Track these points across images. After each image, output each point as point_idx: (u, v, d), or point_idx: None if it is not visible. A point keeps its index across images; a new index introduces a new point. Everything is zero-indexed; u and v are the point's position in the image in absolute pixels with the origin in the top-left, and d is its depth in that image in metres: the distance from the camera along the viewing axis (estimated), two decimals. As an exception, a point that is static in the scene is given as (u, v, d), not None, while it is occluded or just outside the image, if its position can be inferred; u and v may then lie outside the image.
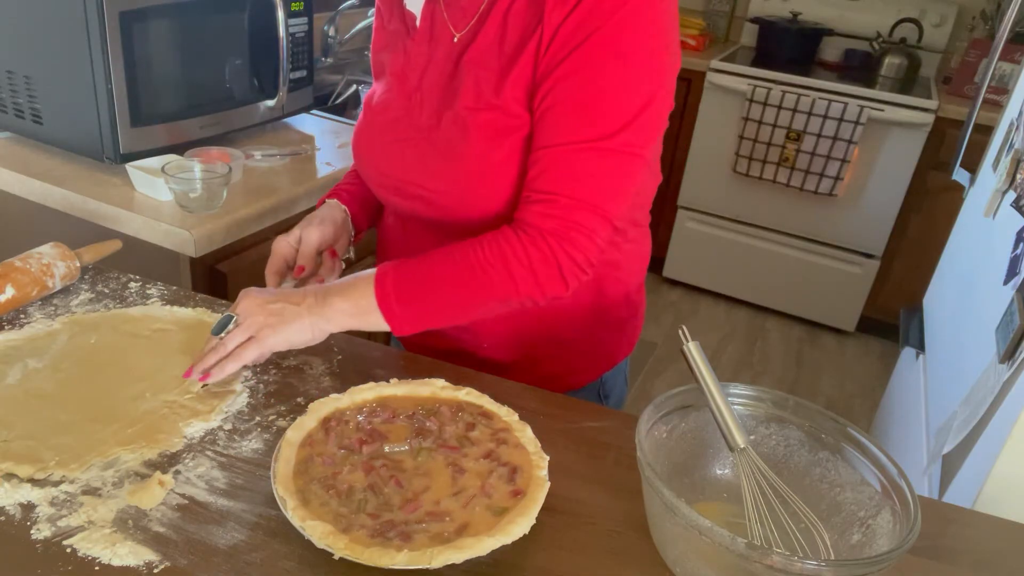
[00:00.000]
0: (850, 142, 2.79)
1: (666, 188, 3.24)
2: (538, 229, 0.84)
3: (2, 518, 0.69)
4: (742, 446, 0.73)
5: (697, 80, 3.06)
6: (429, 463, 0.76)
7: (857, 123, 2.76)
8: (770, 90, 2.87)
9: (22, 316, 0.97)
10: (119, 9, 1.30)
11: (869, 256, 3.01)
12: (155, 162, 1.39)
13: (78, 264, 1.03)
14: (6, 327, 0.95)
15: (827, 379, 2.91)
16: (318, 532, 0.66)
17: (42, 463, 0.74)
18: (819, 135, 2.84)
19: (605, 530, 0.74)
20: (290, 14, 1.60)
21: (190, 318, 0.99)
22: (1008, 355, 1.14)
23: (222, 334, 0.86)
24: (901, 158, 2.81)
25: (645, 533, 0.73)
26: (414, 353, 1.01)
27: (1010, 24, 1.81)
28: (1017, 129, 1.57)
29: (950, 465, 1.26)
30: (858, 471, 0.74)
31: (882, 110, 2.76)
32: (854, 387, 2.88)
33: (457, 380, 0.87)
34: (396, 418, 0.81)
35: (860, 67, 3.13)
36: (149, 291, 1.05)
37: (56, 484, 0.72)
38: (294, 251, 1.01)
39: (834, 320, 3.17)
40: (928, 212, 2.86)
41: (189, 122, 1.50)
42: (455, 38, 0.91)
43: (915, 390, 1.81)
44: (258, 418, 0.84)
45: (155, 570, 0.65)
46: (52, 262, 1.00)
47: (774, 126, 2.90)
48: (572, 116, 0.83)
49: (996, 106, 2.53)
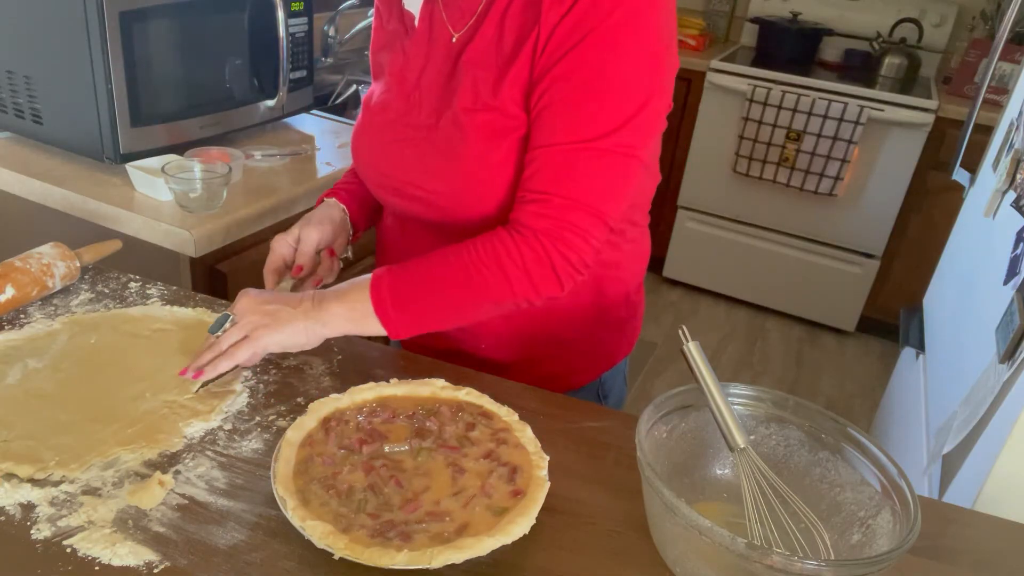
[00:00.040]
0: (850, 142, 2.79)
1: (666, 188, 3.24)
2: (532, 229, 0.84)
3: (2, 518, 0.69)
4: (742, 446, 0.73)
5: (697, 80, 3.06)
6: (429, 463, 0.76)
7: (857, 123, 2.76)
8: (770, 90, 2.87)
9: (22, 316, 0.97)
10: (119, 9, 1.30)
11: (869, 256, 3.01)
12: (155, 162, 1.39)
13: (78, 264, 1.03)
14: (6, 327, 0.95)
15: (827, 379, 2.91)
16: (318, 532, 0.66)
17: (42, 463, 0.74)
18: (819, 135, 2.83)
19: (605, 530, 0.74)
20: (290, 14, 1.60)
21: (190, 318, 0.99)
22: (1008, 355, 1.14)
23: (219, 332, 0.86)
24: (901, 158, 2.81)
25: (645, 533, 0.73)
26: (414, 353, 1.01)
27: (1010, 24, 1.81)
28: (1017, 129, 1.57)
29: (950, 465, 1.26)
30: (858, 471, 0.74)
31: (882, 110, 2.76)
32: (854, 387, 2.87)
33: (457, 380, 0.87)
34: (396, 418, 0.81)
35: (860, 67, 3.13)
36: (149, 291, 1.05)
37: (56, 484, 0.72)
38: (293, 250, 1.01)
39: (834, 320, 3.17)
40: (928, 212, 2.86)
41: (189, 122, 1.50)
42: (453, 38, 0.91)
43: (915, 390, 1.81)
44: (258, 418, 0.84)
45: (155, 570, 0.65)
46: (52, 262, 1.00)
47: (774, 126, 2.90)
48: (567, 116, 0.83)
49: (996, 106, 2.53)
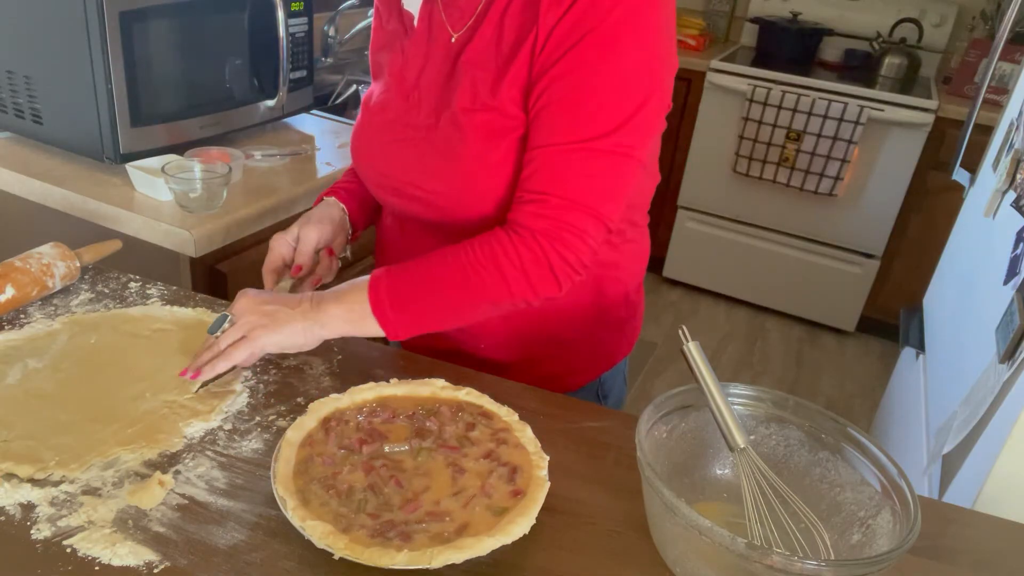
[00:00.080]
0: (850, 142, 2.79)
1: (666, 188, 3.24)
2: (529, 229, 0.84)
3: (2, 518, 0.69)
4: (742, 446, 0.73)
5: (697, 80, 3.06)
6: (429, 463, 0.76)
7: (857, 123, 2.76)
8: (770, 90, 2.87)
9: (22, 316, 0.97)
10: (119, 9, 1.30)
11: (869, 256, 3.01)
12: (155, 162, 1.39)
13: (78, 264, 1.03)
14: (6, 327, 0.95)
15: (827, 379, 2.91)
16: (318, 532, 0.66)
17: (42, 463, 0.74)
18: (819, 135, 2.83)
19: (605, 530, 0.74)
20: (290, 14, 1.60)
21: (190, 318, 0.99)
22: (1008, 355, 1.14)
23: (217, 333, 0.86)
24: (901, 158, 2.81)
25: (645, 533, 0.73)
26: (413, 353, 1.01)
27: (1010, 24, 1.81)
28: (1017, 129, 1.57)
29: (950, 465, 1.26)
30: (858, 471, 0.74)
31: (882, 110, 2.76)
32: (854, 387, 2.87)
33: (457, 380, 0.87)
34: (396, 418, 0.81)
35: (860, 67, 3.13)
36: (149, 291, 1.05)
37: (56, 484, 0.72)
38: (292, 249, 1.01)
39: (834, 320, 3.17)
40: (928, 212, 2.86)
41: (189, 122, 1.50)
42: (453, 38, 0.91)
43: (915, 390, 1.81)
44: (258, 418, 0.84)
45: (155, 570, 0.65)
46: (52, 262, 1.00)
47: (774, 126, 2.90)
48: (565, 116, 0.83)
49: (996, 106, 2.53)
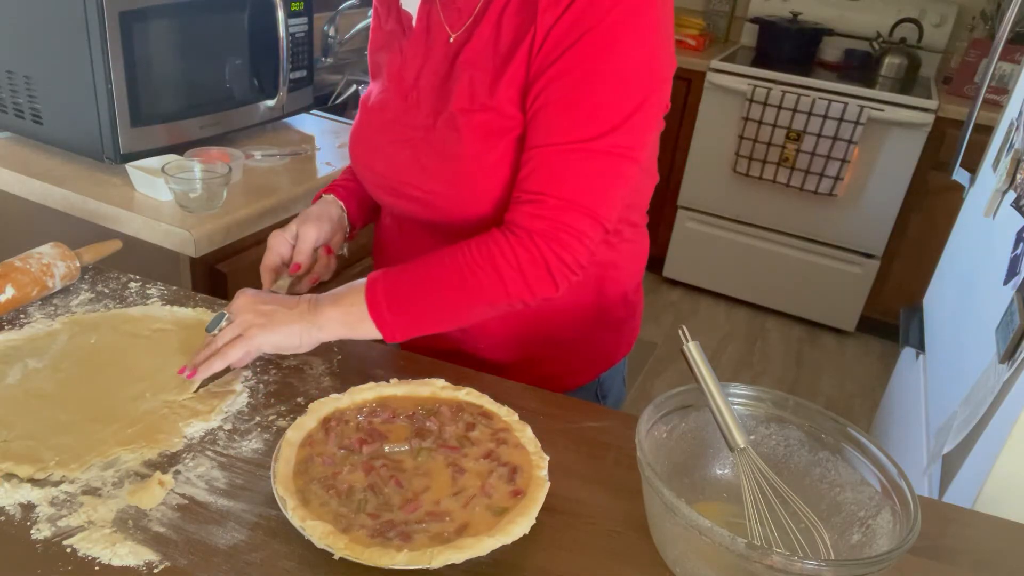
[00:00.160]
0: (850, 142, 2.79)
1: (666, 188, 3.24)
2: (526, 230, 0.84)
3: (2, 518, 0.69)
4: (742, 446, 0.73)
5: (697, 80, 3.06)
6: (429, 463, 0.76)
7: (857, 123, 2.76)
8: (770, 90, 2.87)
9: (22, 316, 0.97)
10: (119, 9, 1.30)
11: (869, 256, 3.01)
12: (155, 162, 1.39)
13: (78, 264, 1.03)
14: (6, 327, 0.95)
15: (827, 379, 2.91)
16: (318, 532, 0.66)
17: (42, 463, 0.74)
18: (819, 135, 2.83)
19: (605, 530, 0.74)
20: (290, 14, 1.60)
21: (190, 318, 0.99)
22: (1008, 355, 1.14)
23: (215, 331, 0.86)
24: (901, 158, 2.81)
25: (645, 533, 0.73)
26: (413, 353, 1.01)
27: (1010, 24, 1.81)
28: (1017, 129, 1.57)
29: (950, 465, 1.26)
30: (858, 471, 0.74)
31: (882, 110, 2.75)
32: (854, 387, 2.87)
33: (457, 380, 0.87)
34: (396, 418, 0.81)
35: (860, 67, 3.13)
36: (149, 291, 1.05)
37: (56, 484, 0.72)
38: (290, 248, 1.01)
39: (834, 320, 3.17)
40: (928, 212, 2.86)
41: (189, 122, 1.50)
42: (451, 38, 0.91)
43: (915, 390, 1.81)
44: (258, 418, 0.84)
45: (155, 570, 0.65)
46: (52, 262, 1.00)
47: (774, 126, 2.90)
48: (563, 116, 0.83)
49: (996, 106, 2.53)
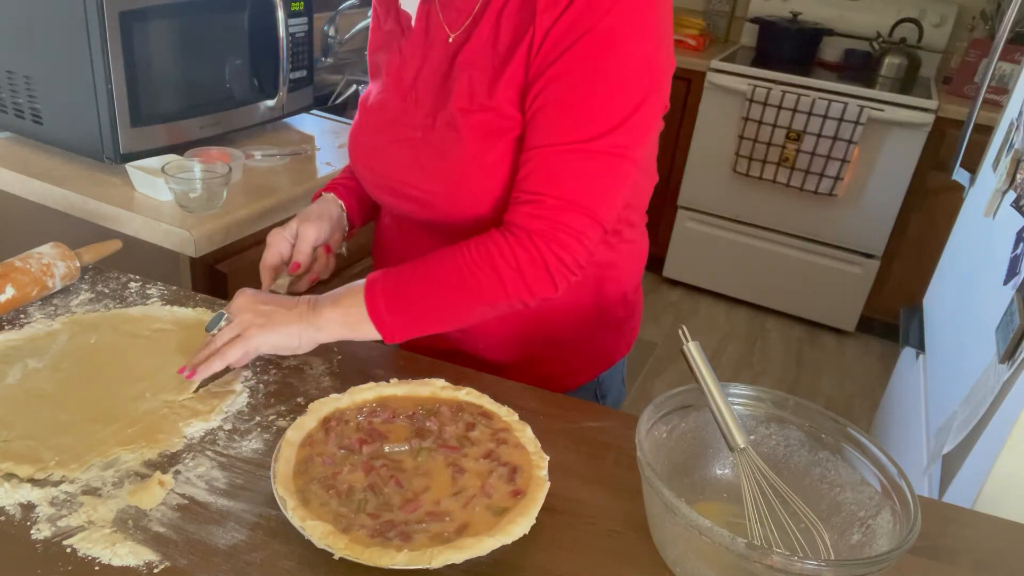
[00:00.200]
0: (850, 142, 2.79)
1: (666, 188, 3.24)
2: (525, 230, 0.84)
3: (2, 518, 0.69)
4: (742, 446, 0.73)
5: (697, 80, 3.06)
6: (429, 463, 0.76)
7: (857, 123, 2.76)
8: (770, 90, 2.87)
9: (22, 316, 0.97)
10: (119, 9, 1.30)
11: (869, 256, 3.01)
12: (155, 162, 1.39)
13: (78, 264, 1.03)
14: (6, 327, 0.95)
15: (827, 379, 2.91)
16: (318, 532, 0.66)
17: (42, 463, 0.74)
18: (819, 135, 2.83)
19: (605, 530, 0.74)
20: (290, 14, 1.60)
21: (190, 318, 0.99)
22: (1008, 355, 1.14)
23: (214, 330, 0.86)
24: (901, 158, 2.81)
25: (645, 533, 0.73)
26: (413, 353, 1.01)
27: (1010, 24, 1.81)
28: (1017, 129, 1.57)
29: (950, 465, 1.26)
30: (858, 471, 0.74)
31: (882, 110, 2.75)
32: (854, 387, 2.87)
33: (457, 380, 0.87)
34: (396, 418, 0.81)
35: (860, 67, 3.13)
36: (149, 291, 1.05)
37: (56, 484, 0.72)
38: (290, 246, 1.01)
39: (834, 320, 3.17)
40: (928, 212, 2.86)
41: (189, 122, 1.50)
42: (450, 38, 0.91)
43: (915, 390, 1.81)
44: (258, 418, 0.84)
45: (155, 570, 0.65)
46: (52, 262, 1.00)
47: (774, 126, 2.90)
48: (562, 117, 0.83)
49: (996, 106, 2.53)
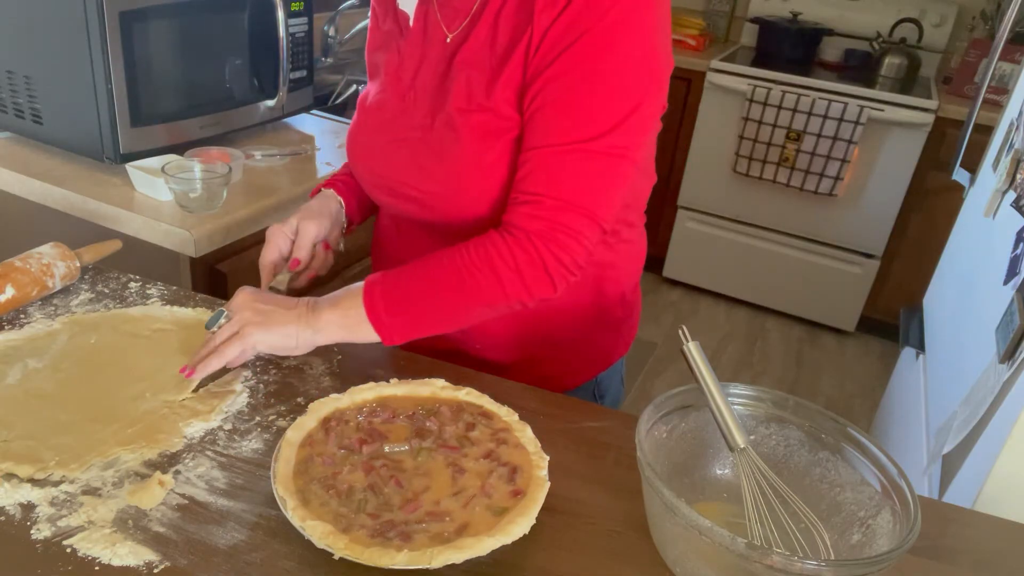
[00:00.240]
0: (850, 142, 2.79)
1: (666, 188, 3.24)
2: (524, 231, 0.84)
3: (2, 518, 0.69)
4: (742, 446, 0.73)
5: (697, 80, 3.06)
6: (429, 463, 0.76)
7: (857, 123, 2.76)
8: (770, 90, 2.87)
9: (22, 316, 0.97)
10: (119, 9, 1.30)
11: (869, 256, 3.01)
12: (155, 162, 1.39)
13: (78, 264, 1.03)
14: (6, 327, 0.95)
15: (827, 379, 2.91)
16: (318, 532, 0.66)
17: (42, 463, 0.74)
18: (819, 135, 2.83)
19: (605, 530, 0.74)
20: (290, 14, 1.60)
21: (190, 318, 0.99)
22: (1008, 355, 1.14)
23: (214, 328, 0.86)
24: (901, 158, 2.81)
25: (645, 533, 0.73)
26: (413, 353, 1.01)
27: (1010, 24, 1.81)
28: (1017, 129, 1.57)
29: (950, 465, 1.26)
30: (858, 471, 0.74)
31: (882, 110, 2.75)
32: (854, 387, 2.87)
33: (457, 380, 0.87)
34: (396, 418, 0.81)
35: (860, 67, 3.13)
36: (149, 291, 1.05)
37: (56, 484, 0.72)
38: (290, 243, 1.01)
39: (834, 320, 3.17)
40: (928, 212, 2.86)
41: (189, 122, 1.50)
42: (448, 38, 0.91)
43: (915, 390, 1.81)
44: (258, 418, 0.84)
45: (155, 570, 0.65)
46: (52, 262, 1.00)
47: (774, 126, 2.90)
48: (560, 118, 0.83)
49: (996, 106, 2.53)
